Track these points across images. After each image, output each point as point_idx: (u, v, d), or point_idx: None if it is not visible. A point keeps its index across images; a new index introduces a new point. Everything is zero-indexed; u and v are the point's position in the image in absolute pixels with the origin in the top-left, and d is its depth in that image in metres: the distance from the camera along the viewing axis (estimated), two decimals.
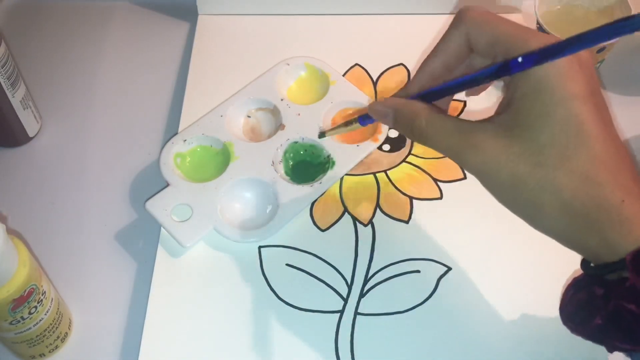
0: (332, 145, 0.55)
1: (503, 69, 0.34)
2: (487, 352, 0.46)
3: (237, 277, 0.50)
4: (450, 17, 0.65)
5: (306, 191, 0.53)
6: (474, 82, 0.36)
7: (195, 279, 0.50)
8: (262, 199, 0.53)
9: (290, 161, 0.55)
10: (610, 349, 0.35)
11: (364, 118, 0.45)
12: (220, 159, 0.55)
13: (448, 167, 0.56)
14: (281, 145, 0.55)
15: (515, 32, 0.35)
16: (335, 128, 0.51)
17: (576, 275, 0.36)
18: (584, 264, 0.35)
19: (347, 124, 0.49)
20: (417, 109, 0.38)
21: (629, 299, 0.32)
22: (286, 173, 0.55)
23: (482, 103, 0.60)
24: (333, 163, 0.54)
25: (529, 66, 0.33)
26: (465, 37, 0.37)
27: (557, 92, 0.33)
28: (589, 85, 0.33)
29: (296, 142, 0.56)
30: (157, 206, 0.52)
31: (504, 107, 0.35)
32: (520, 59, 0.33)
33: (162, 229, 0.52)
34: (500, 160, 0.34)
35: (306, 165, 0.55)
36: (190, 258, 0.51)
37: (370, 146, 0.56)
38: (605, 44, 0.55)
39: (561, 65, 0.33)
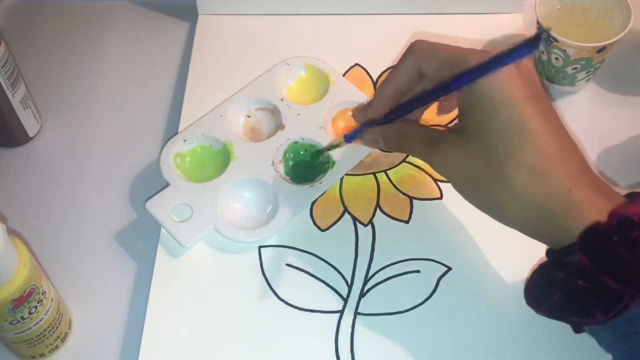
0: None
1: (447, 85, 0.39)
2: (487, 352, 0.46)
3: (237, 277, 0.50)
4: (451, 17, 0.65)
5: (306, 191, 0.53)
6: (427, 98, 0.42)
7: (195, 279, 0.50)
8: (262, 199, 0.53)
9: (290, 161, 0.55)
10: (574, 329, 0.39)
11: (348, 138, 0.51)
12: (220, 159, 0.55)
13: None
14: (281, 145, 0.55)
15: (457, 53, 0.40)
16: (328, 148, 0.54)
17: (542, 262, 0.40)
18: (548, 250, 0.39)
19: (334, 145, 0.53)
20: (398, 128, 0.45)
21: (578, 276, 0.35)
22: (286, 173, 0.55)
23: None
24: (333, 163, 0.54)
25: (468, 80, 0.38)
26: (415, 65, 0.43)
27: (499, 97, 0.37)
28: (528, 89, 0.38)
29: (296, 142, 0.56)
30: (157, 206, 0.52)
31: (459, 117, 0.41)
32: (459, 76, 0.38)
33: (162, 229, 0.52)
34: (457, 160, 0.40)
35: (306, 165, 0.55)
36: (190, 258, 0.51)
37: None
38: (603, 44, 0.55)
39: (501, 73, 0.37)
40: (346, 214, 0.53)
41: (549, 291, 0.38)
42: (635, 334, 0.35)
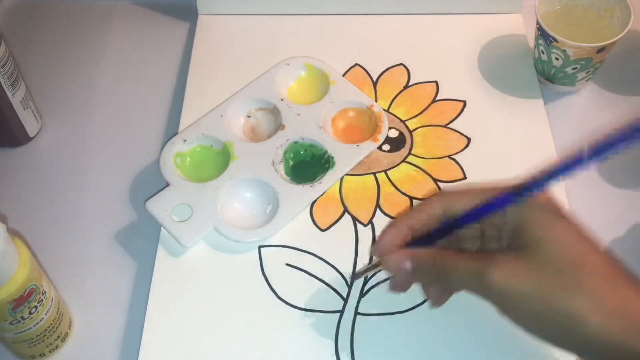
0: (332, 145, 0.55)
1: (493, 205, 0.38)
2: (487, 352, 0.46)
3: (237, 277, 0.50)
4: (451, 17, 0.65)
5: (306, 191, 0.53)
6: (469, 218, 0.39)
7: (195, 278, 0.50)
8: (262, 199, 0.53)
9: (290, 161, 0.55)
10: None
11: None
12: (220, 159, 0.55)
13: (448, 167, 0.56)
14: (281, 145, 0.55)
15: (487, 187, 0.40)
16: (367, 269, 0.48)
17: None
18: None
19: (374, 265, 0.46)
20: (431, 249, 0.40)
21: None
22: (286, 173, 0.55)
23: (481, 104, 0.60)
24: (333, 163, 0.54)
25: (510, 200, 0.38)
26: (441, 207, 0.41)
27: (548, 213, 0.37)
28: (561, 209, 0.38)
29: (296, 142, 0.56)
30: (157, 206, 0.52)
31: (509, 239, 0.38)
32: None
33: (162, 228, 0.52)
34: (521, 274, 0.36)
35: (306, 165, 0.55)
36: (190, 258, 0.51)
37: (370, 146, 0.56)
38: (603, 44, 0.55)
39: (538, 197, 0.37)
40: (346, 214, 0.53)
41: None
42: None
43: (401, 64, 0.63)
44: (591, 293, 0.34)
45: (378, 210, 0.53)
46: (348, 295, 0.49)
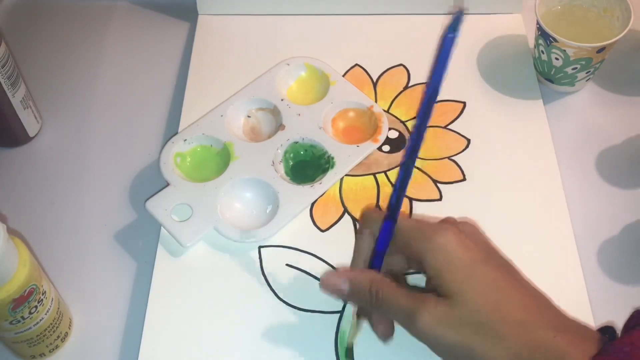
0: (332, 146, 0.55)
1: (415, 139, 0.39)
2: None
3: (237, 277, 0.50)
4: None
5: (306, 191, 0.53)
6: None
7: (195, 279, 0.50)
8: (262, 199, 0.53)
9: (290, 161, 0.55)
10: None
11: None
12: (220, 159, 0.55)
13: (447, 168, 0.56)
14: (281, 145, 0.55)
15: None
16: (353, 335, 0.47)
17: None
18: None
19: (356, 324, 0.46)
20: (372, 275, 0.42)
21: None
22: (286, 173, 0.55)
23: (481, 105, 0.60)
24: (333, 163, 0.54)
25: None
26: (371, 236, 0.43)
27: (464, 260, 0.39)
28: (481, 251, 0.40)
29: (296, 142, 0.56)
30: (157, 206, 0.52)
31: (433, 282, 0.40)
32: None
33: (162, 228, 0.52)
34: (447, 328, 0.38)
35: (306, 165, 0.55)
36: (190, 258, 0.51)
37: (370, 147, 0.56)
38: (603, 44, 0.55)
39: (454, 242, 0.39)
40: (346, 214, 0.53)
41: None
42: None
43: (401, 64, 0.63)
44: (508, 342, 0.37)
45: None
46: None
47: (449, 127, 0.58)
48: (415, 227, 0.41)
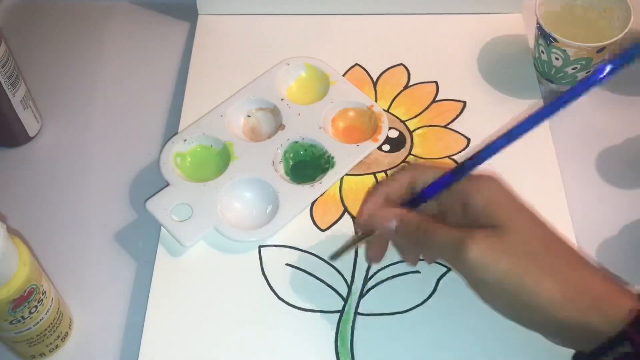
0: (332, 145, 0.55)
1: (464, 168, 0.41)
2: (487, 352, 0.46)
3: (237, 276, 0.50)
4: (451, 17, 0.65)
5: (306, 191, 0.53)
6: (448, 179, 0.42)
7: (195, 278, 0.50)
8: (262, 198, 0.53)
9: (290, 161, 0.55)
10: None
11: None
12: (220, 159, 0.55)
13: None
14: (281, 145, 0.55)
15: (447, 164, 0.44)
16: (345, 248, 0.48)
17: None
18: (575, 354, 0.39)
19: (354, 241, 0.47)
20: (417, 214, 0.42)
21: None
22: (286, 173, 0.55)
23: (481, 104, 0.60)
24: (333, 163, 0.54)
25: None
26: (409, 177, 0.44)
27: (511, 199, 0.40)
28: (514, 197, 0.41)
29: (296, 142, 0.56)
30: (158, 206, 0.52)
31: (478, 217, 0.40)
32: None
33: (162, 228, 0.52)
34: (496, 256, 0.38)
35: (306, 165, 0.55)
36: (190, 258, 0.51)
37: (370, 146, 0.56)
38: (603, 44, 0.55)
39: (499, 183, 0.41)
40: (346, 213, 0.53)
41: None
42: None
43: (401, 64, 0.63)
44: (558, 275, 0.37)
45: None
46: (348, 295, 0.49)
47: (449, 126, 0.58)
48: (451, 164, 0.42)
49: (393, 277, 0.50)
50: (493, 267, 0.37)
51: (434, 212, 0.43)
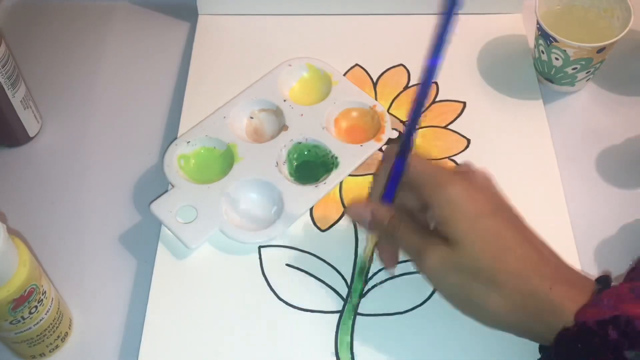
0: (336, 146, 0.55)
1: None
2: (487, 352, 0.46)
3: (237, 277, 0.50)
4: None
5: (311, 191, 0.53)
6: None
7: (195, 278, 0.50)
8: (267, 199, 0.53)
9: (294, 162, 0.55)
10: None
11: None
12: (224, 161, 0.55)
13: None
14: (285, 145, 0.55)
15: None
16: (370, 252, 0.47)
17: None
18: (540, 346, 0.41)
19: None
20: (392, 210, 0.44)
21: None
22: (290, 174, 0.55)
23: (481, 105, 0.60)
24: (337, 163, 0.54)
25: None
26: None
27: (470, 212, 0.40)
28: (491, 203, 0.41)
29: (300, 143, 0.56)
30: (162, 208, 0.52)
31: (441, 227, 0.41)
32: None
33: (162, 228, 0.52)
34: (448, 272, 0.41)
35: (310, 165, 0.55)
36: (190, 258, 0.51)
37: (373, 146, 0.56)
38: (603, 44, 0.55)
39: (462, 193, 0.40)
40: (346, 214, 0.53)
41: None
42: None
43: (401, 65, 0.63)
44: (503, 290, 0.39)
45: None
46: (348, 295, 0.49)
47: (449, 127, 0.58)
48: (429, 173, 0.42)
49: (393, 277, 0.50)
50: (444, 281, 0.41)
51: (414, 203, 0.45)
